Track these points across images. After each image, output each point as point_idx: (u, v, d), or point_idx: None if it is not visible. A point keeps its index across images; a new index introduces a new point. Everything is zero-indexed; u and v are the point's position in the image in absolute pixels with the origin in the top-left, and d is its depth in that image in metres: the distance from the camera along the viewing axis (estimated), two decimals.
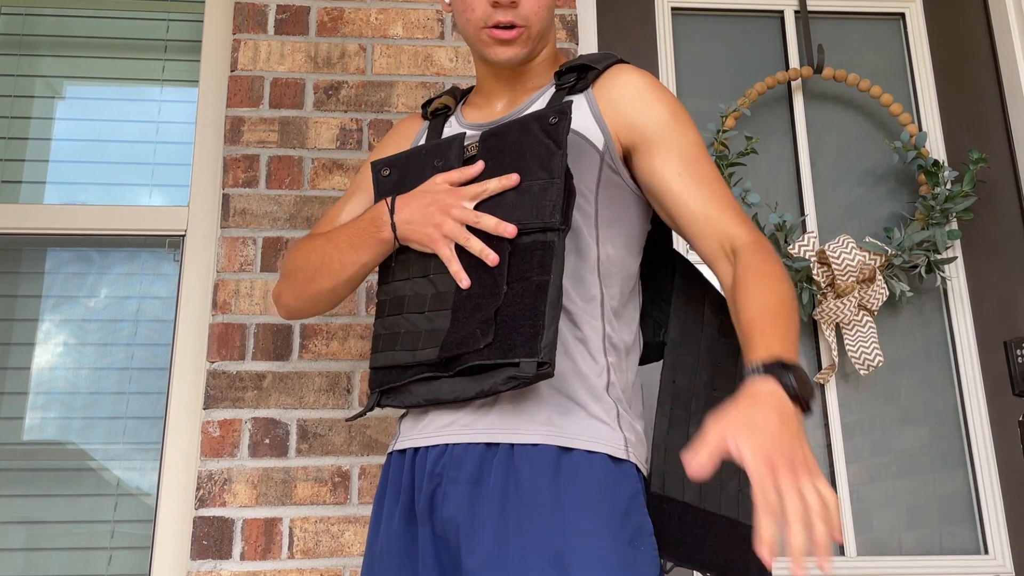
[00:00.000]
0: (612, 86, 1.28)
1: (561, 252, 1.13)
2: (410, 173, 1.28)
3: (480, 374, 1.13)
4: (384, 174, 1.31)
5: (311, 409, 1.79)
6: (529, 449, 1.14)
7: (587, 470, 1.13)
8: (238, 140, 1.93)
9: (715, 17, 2.26)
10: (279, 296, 1.42)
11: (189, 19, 2.24)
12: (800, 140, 2.16)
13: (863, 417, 2.02)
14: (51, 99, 2.21)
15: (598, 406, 1.17)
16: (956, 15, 2.27)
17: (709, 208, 1.22)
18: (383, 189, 1.31)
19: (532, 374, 1.09)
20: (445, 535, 1.15)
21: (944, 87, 2.21)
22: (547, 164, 1.16)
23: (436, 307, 1.19)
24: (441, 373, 1.17)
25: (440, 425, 1.20)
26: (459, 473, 1.15)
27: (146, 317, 2.05)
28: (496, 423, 1.16)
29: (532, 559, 1.07)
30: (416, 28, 2.03)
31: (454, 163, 1.24)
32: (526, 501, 1.11)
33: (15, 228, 1.99)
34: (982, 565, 1.92)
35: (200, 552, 1.69)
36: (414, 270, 1.23)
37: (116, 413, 1.99)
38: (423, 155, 1.29)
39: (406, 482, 1.21)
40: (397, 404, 1.22)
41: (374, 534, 1.25)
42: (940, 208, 2.00)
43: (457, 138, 1.27)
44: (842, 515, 1.94)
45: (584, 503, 1.11)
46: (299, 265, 1.35)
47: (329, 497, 1.74)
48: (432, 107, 1.42)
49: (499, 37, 1.28)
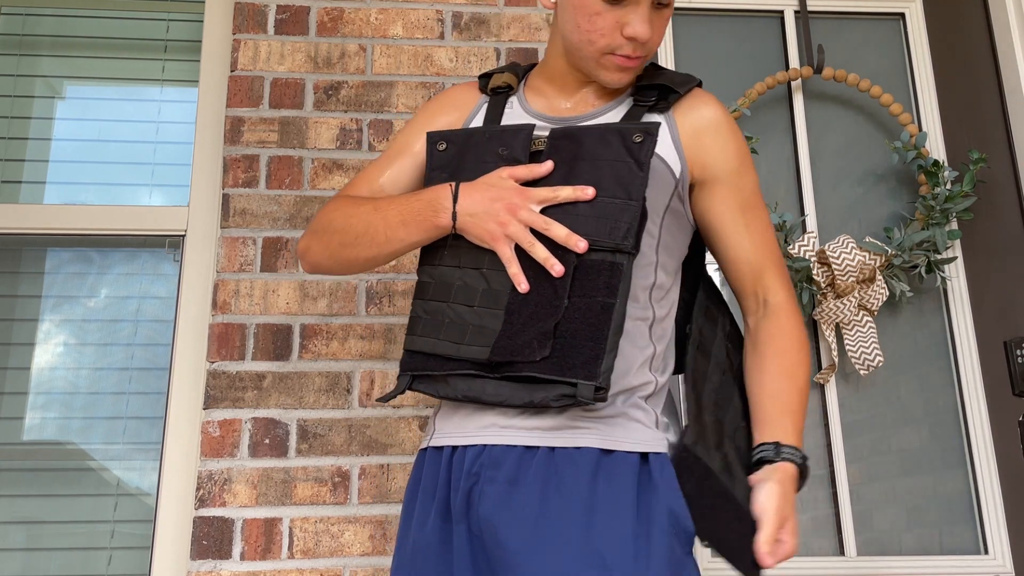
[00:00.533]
0: (694, 116, 1.27)
1: (628, 276, 1.13)
2: (469, 153, 1.25)
3: (530, 383, 1.13)
4: (440, 148, 1.28)
5: (311, 409, 1.79)
6: (571, 451, 1.14)
7: (625, 472, 1.13)
8: (238, 140, 1.93)
9: (715, 17, 2.26)
10: (306, 251, 1.35)
11: (189, 19, 2.24)
12: (800, 140, 2.16)
13: (863, 417, 2.02)
14: (51, 99, 2.21)
15: (641, 413, 1.18)
16: (956, 15, 2.27)
17: (757, 257, 1.27)
18: (437, 163, 1.27)
19: (590, 398, 1.09)
20: (481, 534, 1.14)
21: (944, 87, 2.21)
22: (626, 184, 1.15)
23: (487, 304, 1.17)
24: (486, 373, 1.15)
25: (479, 425, 1.18)
26: (497, 472, 1.14)
27: (146, 317, 2.05)
28: (537, 429, 1.16)
29: (572, 559, 1.07)
30: (416, 28, 2.03)
31: (520, 155, 1.21)
32: (566, 502, 1.10)
33: (15, 228, 1.99)
34: (982, 565, 1.92)
35: (200, 552, 1.70)
36: (465, 260, 1.20)
37: (116, 413, 1.99)
38: (486, 138, 1.25)
39: (442, 479, 1.20)
40: (430, 392, 1.20)
41: (406, 531, 1.23)
42: (940, 208, 2.00)
43: (525, 128, 1.24)
44: (843, 515, 1.94)
45: (625, 503, 1.11)
46: (338, 227, 1.29)
47: (329, 497, 1.74)
48: (493, 83, 1.36)
49: (623, 65, 1.24)
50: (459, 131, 1.29)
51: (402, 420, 1.80)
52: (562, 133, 1.21)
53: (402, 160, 1.36)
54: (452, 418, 1.23)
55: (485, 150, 1.24)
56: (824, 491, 1.97)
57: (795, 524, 1.16)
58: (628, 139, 1.17)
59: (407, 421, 1.80)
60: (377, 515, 1.74)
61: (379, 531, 1.73)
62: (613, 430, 1.15)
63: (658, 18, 1.23)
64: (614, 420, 1.16)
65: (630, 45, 1.22)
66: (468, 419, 1.20)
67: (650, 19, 1.21)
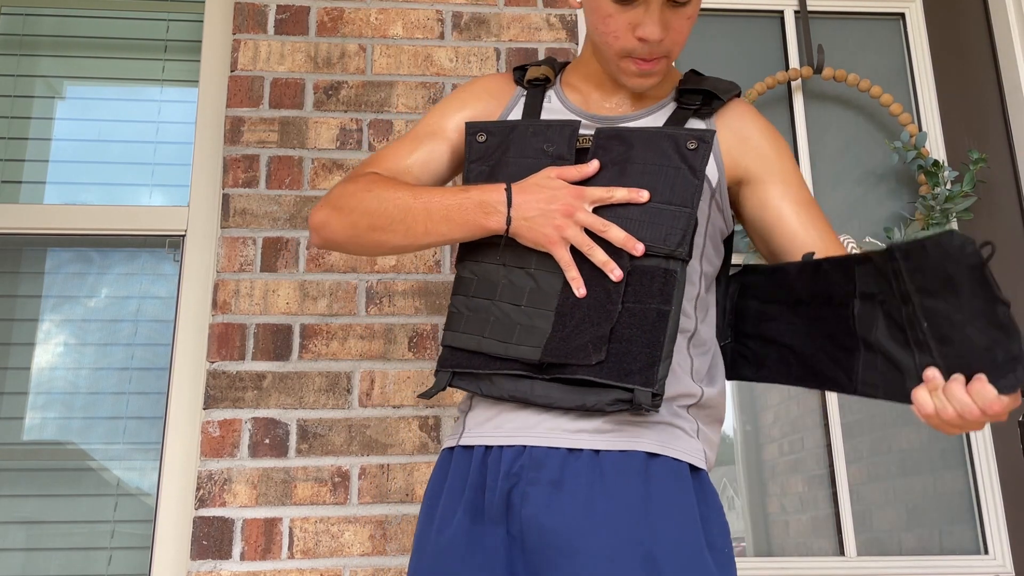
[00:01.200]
0: (736, 123, 1.26)
1: (682, 283, 1.12)
2: (511, 147, 1.22)
3: (581, 387, 1.12)
4: (480, 139, 1.25)
5: (311, 409, 1.79)
6: (615, 454, 1.13)
7: (674, 476, 1.13)
8: (238, 140, 1.93)
9: (715, 17, 2.26)
10: (323, 225, 1.26)
11: (189, 19, 2.24)
12: (800, 140, 2.16)
13: (863, 417, 2.02)
14: (51, 99, 2.21)
15: (683, 422, 1.18)
16: (956, 15, 2.27)
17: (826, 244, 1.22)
18: (476, 154, 1.24)
19: (648, 404, 1.08)
20: (523, 536, 1.11)
21: (944, 87, 2.21)
22: (680, 190, 1.13)
23: (536, 304, 1.14)
24: (535, 374, 1.13)
25: (520, 426, 1.16)
26: (539, 474, 1.12)
27: (146, 317, 2.05)
28: (582, 432, 1.14)
29: (622, 561, 1.06)
30: (416, 28, 2.03)
31: (565, 153, 1.19)
32: (615, 503, 1.09)
33: (15, 228, 2.00)
34: (982, 565, 1.92)
35: (200, 552, 1.70)
36: (510, 258, 1.17)
37: (116, 413, 1.99)
38: (529, 133, 1.22)
39: (473, 480, 1.16)
40: (472, 389, 1.18)
41: (426, 532, 1.20)
42: (940, 208, 2.00)
43: (571, 125, 1.21)
44: (844, 515, 1.94)
45: (673, 508, 1.10)
46: (370, 208, 1.22)
47: (329, 497, 1.74)
48: (530, 75, 1.33)
49: (641, 69, 1.21)
50: (499, 123, 1.26)
51: (402, 420, 1.80)
52: (611, 133, 1.19)
53: (433, 143, 1.31)
54: (488, 417, 1.19)
55: (527, 144, 1.21)
56: (824, 491, 1.97)
57: None
58: (682, 145, 1.15)
59: (407, 421, 1.80)
60: (377, 515, 1.74)
61: (379, 531, 1.73)
62: (658, 435, 1.15)
63: (676, 17, 1.18)
64: (658, 426, 1.15)
65: (645, 47, 1.18)
66: (508, 419, 1.17)
67: (664, 19, 1.17)
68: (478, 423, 1.20)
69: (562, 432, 1.14)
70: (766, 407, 2.04)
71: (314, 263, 1.87)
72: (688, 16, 1.20)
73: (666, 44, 1.19)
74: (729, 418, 2.03)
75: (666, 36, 1.18)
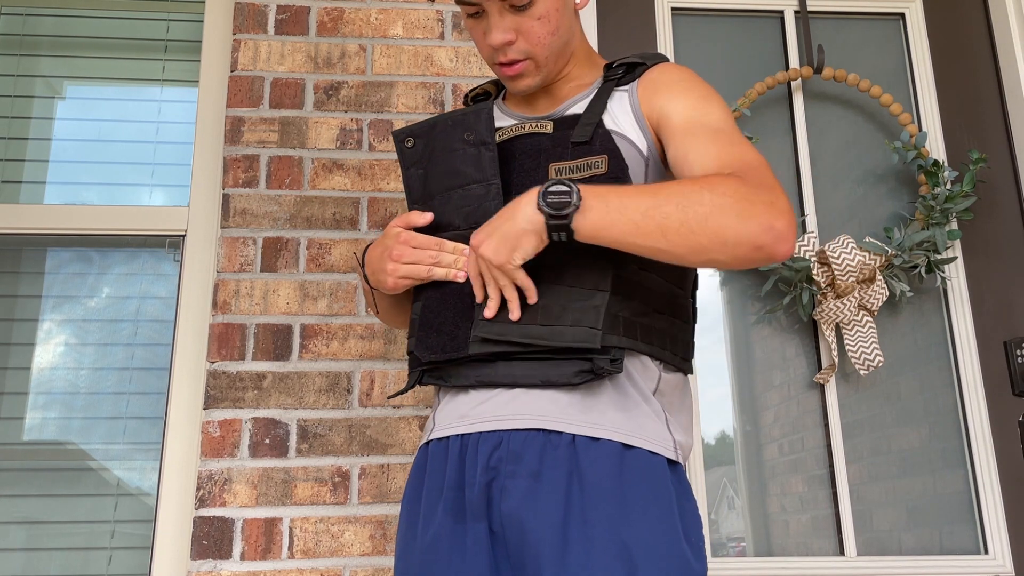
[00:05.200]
0: (654, 74, 1.26)
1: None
2: (436, 145, 1.27)
3: (543, 361, 1.14)
4: (408, 145, 1.30)
5: (311, 409, 1.79)
6: (590, 443, 1.13)
7: (649, 469, 1.13)
8: (238, 140, 1.93)
9: (715, 17, 2.26)
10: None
11: (189, 19, 2.24)
12: (800, 140, 2.16)
13: (863, 417, 2.02)
14: (51, 99, 2.21)
15: (648, 406, 1.17)
16: (956, 15, 2.27)
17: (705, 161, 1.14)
18: (409, 161, 1.30)
19: (609, 368, 1.11)
20: (504, 531, 1.12)
21: (944, 87, 2.21)
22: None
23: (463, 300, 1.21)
24: (493, 358, 1.16)
25: (490, 411, 1.17)
26: (518, 467, 1.12)
27: (146, 317, 2.05)
28: (552, 411, 1.14)
29: (598, 553, 1.07)
30: (416, 28, 2.03)
31: (486, 137, 1.22)
32: (590, 495, 1.10)
33: (15, 228, 2.00)
34: (982, 565, 1.92)
35: (200, 552, 1.70)
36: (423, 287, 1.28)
37: (116, 413, 1.99)
38: (449, 125, 1.27)
39: (452, 476, 1.17)
40: (441, 383, 1.22)
41: (409, 532, 1.20)
42: (940, 208, 2.00)
43: (485, 108, 1.24)
44: (844, 515, 1.94)
45: (648, 500, 1.11)
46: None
47: (329, 497, 1.74)
48: (473, 92, 1.44)
49: (506, 73, 1.29)
50: (422, 123, 1.31)
51: (402, 420, 1.80)
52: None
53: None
54: (458, 408, 1.20)
55: (451, 137, 1.26)
56: (824, 491, 1.97)
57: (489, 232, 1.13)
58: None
59: (407, 421, 1.80)
60: (377, 515, 1.74)
61: (379, 531, 1.73)
62: (627, 421, 1.15)
63: (524, 20, 1.24)
64: (626, 409, 1.16)
65: (498, 53, 1.26)
66: (477, 405, 1.18)
67: (509, 24, 1.24)
68: (448, 416, 1.22)
69: (532, 415, 1.15)
70: (766, 407, 2.04)
71: (314, 263, 1.87)
72: (538, 17, 1.24)
73: (521, 46, 1.25)
74: (729, 418, 2.03)
75: (517, 39, 1.25)
